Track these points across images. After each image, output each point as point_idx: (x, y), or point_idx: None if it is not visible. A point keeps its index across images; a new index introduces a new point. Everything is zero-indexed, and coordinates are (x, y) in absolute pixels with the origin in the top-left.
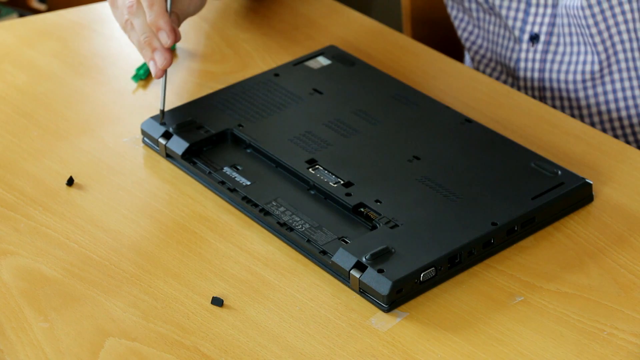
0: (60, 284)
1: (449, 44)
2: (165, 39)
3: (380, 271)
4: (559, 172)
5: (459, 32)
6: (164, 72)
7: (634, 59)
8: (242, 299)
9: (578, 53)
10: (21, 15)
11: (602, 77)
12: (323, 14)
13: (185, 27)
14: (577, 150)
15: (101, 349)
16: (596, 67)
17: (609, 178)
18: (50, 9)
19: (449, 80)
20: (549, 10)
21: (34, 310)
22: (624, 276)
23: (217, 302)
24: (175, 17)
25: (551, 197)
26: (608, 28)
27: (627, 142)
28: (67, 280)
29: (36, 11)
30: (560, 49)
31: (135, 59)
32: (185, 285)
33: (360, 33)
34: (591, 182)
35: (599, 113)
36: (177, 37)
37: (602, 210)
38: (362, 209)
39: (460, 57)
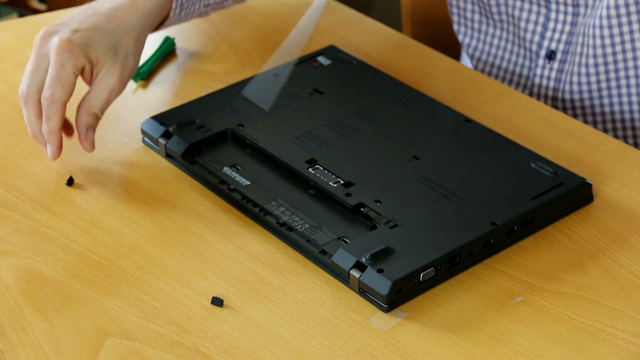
0: (60, 284)
1: (449, 44)
2: (50, 153)
3: (380, 271)
4: (559, 172)
5: (464, 47)
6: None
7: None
8: (242, 299)
9: (593, 65)
10: (21, 15)
11: (617, 78)
12: (323, 14)
13: (185, 27)
14: (577, 150)
15: (101, 349)
16: (601, 69)
17: (609, 178)
18: (50, 9)
19: (449, 80)
20: (567, 28)
21: (34, 310)
22: (624, 276)
23: (217, 302)
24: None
25: (551, 197)
26: (623, 42)
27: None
28: (67, 280)
29: (36, 11)
30: (575, 67)
31: None
32: (185, 285)
33: (360, 33)
34: (591, 183)
35: (613, 121)
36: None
37: (602, 210)
38: (362, 209)
39: (460, 57)
